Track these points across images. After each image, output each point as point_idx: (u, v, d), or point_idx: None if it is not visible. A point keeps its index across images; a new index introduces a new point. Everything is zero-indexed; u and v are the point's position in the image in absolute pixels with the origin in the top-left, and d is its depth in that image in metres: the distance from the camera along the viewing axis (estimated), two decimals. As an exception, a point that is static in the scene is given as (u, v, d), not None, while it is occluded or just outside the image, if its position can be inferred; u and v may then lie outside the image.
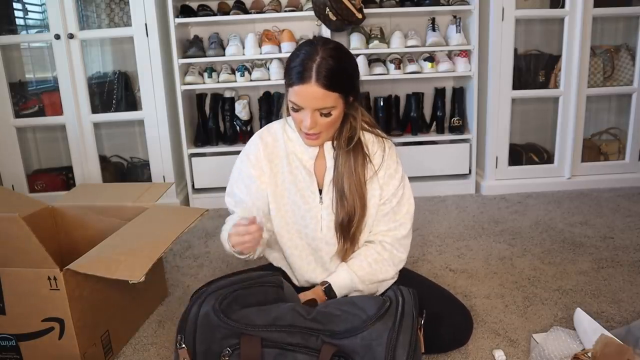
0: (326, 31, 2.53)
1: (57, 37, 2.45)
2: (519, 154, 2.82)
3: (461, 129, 2.77)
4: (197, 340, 1.07)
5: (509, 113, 2.65)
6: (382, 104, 2.74)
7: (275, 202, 1.36)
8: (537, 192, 2.73)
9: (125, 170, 2.90)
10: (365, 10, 2.51)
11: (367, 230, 1.36)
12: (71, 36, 2.46)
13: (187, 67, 2.66)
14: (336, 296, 1.30)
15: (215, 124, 2.72)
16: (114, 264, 1.25)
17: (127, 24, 2.57)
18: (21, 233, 1.19)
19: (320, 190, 1.35)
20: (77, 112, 2.57)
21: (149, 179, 2.72)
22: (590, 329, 1.21)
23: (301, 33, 2.74)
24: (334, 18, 2.40)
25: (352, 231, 1.33)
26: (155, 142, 2.64)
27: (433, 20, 2.68)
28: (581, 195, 2.65)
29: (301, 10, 2.61)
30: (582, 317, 1.25)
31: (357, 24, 2.56)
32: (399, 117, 2.81)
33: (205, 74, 2.63)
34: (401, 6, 2.62)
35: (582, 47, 2.55)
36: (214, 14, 2.62)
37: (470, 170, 2.78)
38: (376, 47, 2.60)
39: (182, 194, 2.76)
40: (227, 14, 2.58)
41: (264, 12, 2.58)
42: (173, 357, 1.25)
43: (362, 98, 2.56)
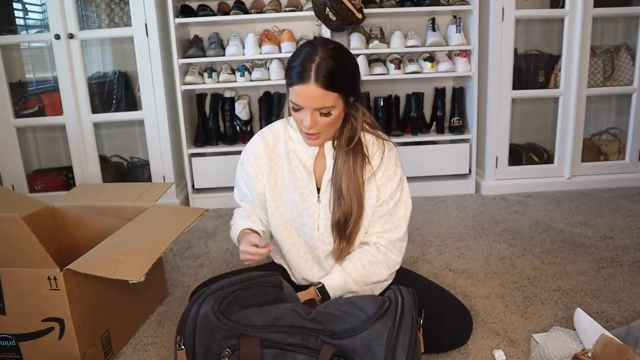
0: (326, 31, 2.53)
1: (57, 37, 2.45)
2: (519, 154, 2.82)
3: (461, 129, 2.77)
4: (196, 341, 1.07)
5: (509, 113, 2.66)
6: (382, 104, 2.74)
7: (274, 199, 1.38)
8: (537, 192, 2.73)
9: (125, 170, 2.90)
10: (365, 10, 2.51)
11: (363, 231, 1.36)
12: (71, 36, 2.46)
13: (187, 67, 2.66)
14: (330, 297, 1.31)
15: (215, 124, 2.72)
16: (114, 264, 1.25)
17: (127, 24, 2.58)
18: (21, 233, 1.19)
19: (318, 189, 1.36)
20: (77, 112, 2.57)
21: (149, 179, 2.73)
22: (590, 329, 1.21)
23: (301, 33, 2.74)
24: (334, 18, 2.40)
25: (348, 231, 1.34)
26: (155, 142, 2.64)
27: (433, 20, 2.68)
28: (581, 195, 2.65)
29: (301, 10, 2.61)
30: (582, 317, 1.25)
31: (357, 24, 2.56)
32: (399, 117, 2.81)
33: (205, 74, 2.63)
34: (401, 6, 2.62)
35: (582, 47, 2.55)
36: (214, 14, 2.62)
37: (470, 170, 2.78)
38: (376, 47, 2.60)
39: (182, 194, 2.76)
40: (227, 14, 2.58)
41: (264, 12, 2.58)
42: (173, 358, 1.26)
43: (362, 98, 2.56)
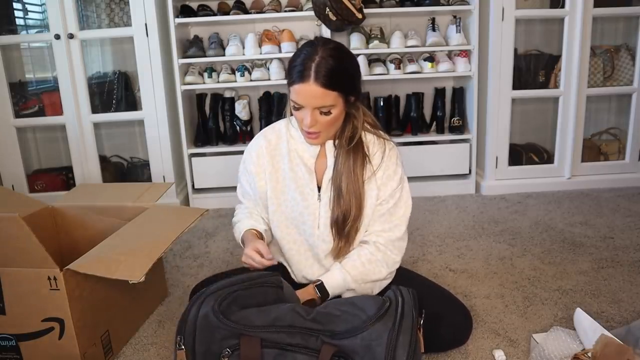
0: (326, 31, 2.53)
1: (57, 37, 2.45)
2: (519, 154, 2.82)
3: (461, 129, 2.77)
4: (196, 341, 1.07)
5: (509, 113, 2.65)
6: (382, 104, 2.74)
7: (275, 197, 1.39)
8: (537, 192, 2.73)
9: (125, 170, 2.90)
10: (365, 10, 2.51)
11: (362, 230, 1.37)
12: (71, 36, 2.46)
13: (187, 67, 2.66)
14: (328, 295, 1.31)
15: (215, 124, 2.72)
16: (114, 264, 1.25)
17: (127, 24, 2.58)
18: (21, 233, 1.19)
19: (319, 188, 1.36)
20: (77, 112, 2.57)
21: (149, 179, 2.72)
22: (590, 329, 1.21)
23: (301, 33, 2.74)
24: (334, 18, 2.40)
25: (347, 230, 1.34)
26: (155, 142, 2.64)
27: (433, 20, 2.68)
28: (581, 195, 2.65)
29: (301, 10, 2.61)
30: (582, 317, 1.25)
31: (357, 24, 2.56)
32: (399, 117, 2.81)
33: (205, 74, 2.63)
34: (401, 6, 2.62)
35: (582, 47, 2.55)
36: (214, 14, 2.62)
37: (470, 170, 2.78)
38: (376, 47, 2.60)
39: (182, 194, 2.76)
40: (227, 14, 2.58)
41: (264, 12, 2.58)
42: (173, 358, 1.26)
43: (363, 98, 2.56)
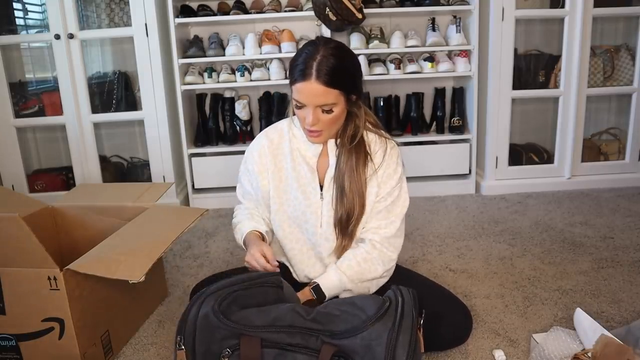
0: (326, 31, 2.53)
1: (57, 37, 2.45)
2: (519, 154, 2.82)
3: (461, 129, 2.77)
4: (196, 341, 1.07)
5: (509, 113, 2.65)
6: (382, 104, 2.74)
7: (278, 197, 1.39)
8: (537, 192, 2.73)
9: (125, 170, 2.90)
10: (365, 10, 2.51)
11: (361, 227, 1.37)
12: (71, 36, 2.46)
13: (187, 67, 2.66)
14: (325, 297, 1.31)
15: (215, 124, 2.71)
16: (114, 264, 1.25)
17: (127, 24, 2.57)
18: (21, 233, 1.19)
19: (321, 187, 1.37)
20: (77, 112, 2.57)
21: (149, 179, 2.72)
22: (590, 329, 1.21)
23: (301, 33, 2.74)
24: (334, 18, 2.40)
25: (351, 228, 1.35)
26: (155, 142, 2.64)
27: (433, 20, 2.68)
28: (581, 195, 2.65)
29: (301, 10, 2.61)
30: (582, 317, 1.25)
31: (357, 24, 2.56)
32: (399, 117, 2.81)
33: (205, 74, 2.63)
34: (401, 6, 2.62)
35: (582, 47, 2.55)
36: (214, 14, 2.62)
37: (470, 170, 2.78)
38: (376, 47, 2.60)
39: (182, 194, 2.76)
40: (227, 14, 2.58)
41: (264, 12, 2.58)
42: (173, 358, 1.26)
43: (364, 98, 2.56)
